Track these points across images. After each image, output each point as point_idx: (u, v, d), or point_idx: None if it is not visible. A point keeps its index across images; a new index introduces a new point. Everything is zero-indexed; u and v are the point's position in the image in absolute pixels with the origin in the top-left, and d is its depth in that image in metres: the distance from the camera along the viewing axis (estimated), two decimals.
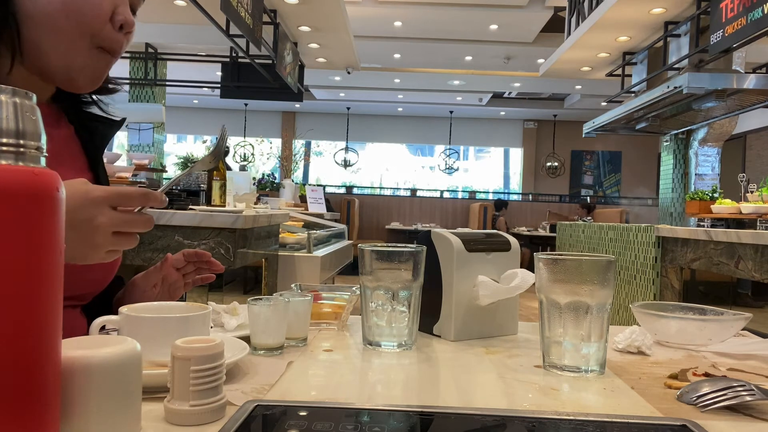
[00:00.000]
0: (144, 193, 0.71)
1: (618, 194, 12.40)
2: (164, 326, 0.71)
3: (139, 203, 0.71)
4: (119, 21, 0.82)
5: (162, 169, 7.32)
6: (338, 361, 0.87)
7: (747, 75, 4.23)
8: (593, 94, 9.91)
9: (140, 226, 0.72)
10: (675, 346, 1.00)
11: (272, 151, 12.33)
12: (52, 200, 0.43)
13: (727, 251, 3.09)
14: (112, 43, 0.83)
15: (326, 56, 7.19)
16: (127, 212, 0.71)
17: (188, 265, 1.01)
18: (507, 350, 0.95)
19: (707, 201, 4.69)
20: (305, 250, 3.63)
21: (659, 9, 4.89)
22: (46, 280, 0.43)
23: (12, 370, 0.41)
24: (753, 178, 4.65)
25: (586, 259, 0.82)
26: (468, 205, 10.43)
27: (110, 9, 0.81)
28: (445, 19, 7.70)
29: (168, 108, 8.09)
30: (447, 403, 0.69)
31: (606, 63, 6.47)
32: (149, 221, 0.72)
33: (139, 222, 0.71)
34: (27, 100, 0.44)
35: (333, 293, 1.11)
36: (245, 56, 5.20)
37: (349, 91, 11.11)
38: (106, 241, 0.69)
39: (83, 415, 0.49)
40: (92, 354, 0.49)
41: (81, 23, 0.79)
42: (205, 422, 0.58)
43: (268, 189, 7.19)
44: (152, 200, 0.71)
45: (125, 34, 0.84)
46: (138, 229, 0.72)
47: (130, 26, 0.83)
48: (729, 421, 0.64)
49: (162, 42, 7.33)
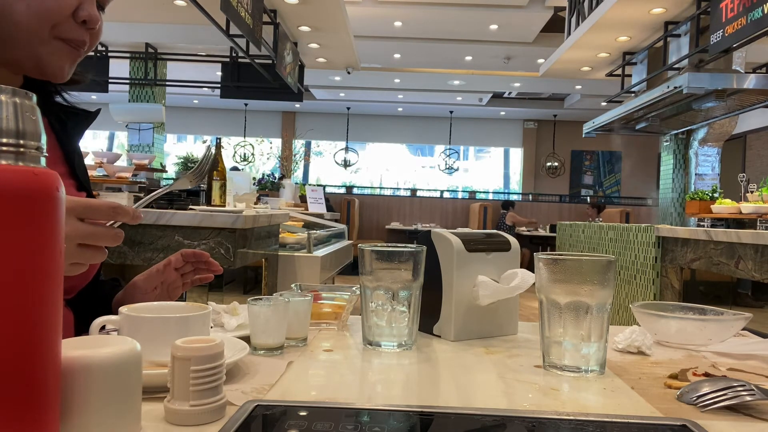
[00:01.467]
0: (113, 207, 0.68)
1: (618, 194, 12.40)
2: (164, 326, 0.71)
3: (108, 217, 0.68)
4: (82, 16, 0.81)
5: (162, 169, 7.31)
6: (338, 361, 0.87)
7: (747, 75, 4.23)
8: (593, 94, 9.91)
9: (107, 240, 0.68)
10: (675, 346, 1.00)
11: (272, 151, 12.33)
12: (52, 200, 0.43)
13: (727, 251, 3.09)
14: (74, 37, 0.82)
15: (326, 56, 7.19)
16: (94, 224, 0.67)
17: (186, 265, 1.01)
18: (507, 350, 0.95)
19: (707, 201, 4.69)
20: (305, 250, 3.63)
21: (659, 9, 4.89)
22: (46, 280, 0.43)
23: (12, 370, 0.41)
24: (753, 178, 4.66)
25: (586, 259, 0.82)
26: (468, 205, 10.42)
27: (74, 3, 0.80)
28: (445, 19, 7.70)
29: (168, 108, 8.09)
30: (447, 403, 0.69)
31: (606, 63, 6.47)
32: (117, 236, 0.69)
33: (105, 236, 0.68)
34: (27, 100, 0.44)
35: (333, 293, 1.11)
36: (245, 56, 5.20)
37: (349, 91, 11.12)
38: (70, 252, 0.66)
39: (83, 415, 0.49)
40: (92, 354, 0.49)
41: (41, 15, 0.78)
42: (205, 422, 0.58)
43: (268, 189, 7.20)
44: (121, 215, 0.68)
45: (89, 29, 0.83)
46: (105, 242, 0.68)
47: (94, 22, 0.82)
48: (729, 421, 0.64)
49: (162, 42, 7.33)
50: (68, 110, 0.95)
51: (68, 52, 0.83)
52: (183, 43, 7.30)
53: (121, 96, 8.23)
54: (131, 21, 6.81)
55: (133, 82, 7.64)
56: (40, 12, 0.78)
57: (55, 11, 0.79)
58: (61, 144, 0.95)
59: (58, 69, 0.83)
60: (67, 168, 0.95)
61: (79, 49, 0.84)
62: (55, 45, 0.81)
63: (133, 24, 6.88)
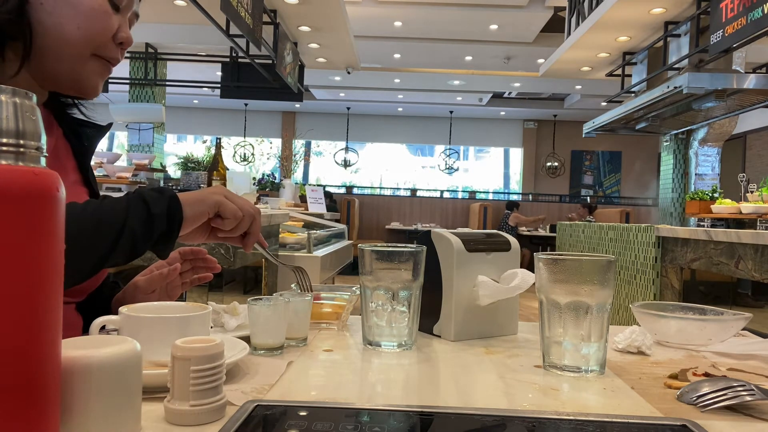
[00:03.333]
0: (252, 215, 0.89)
1: (618, 194, 12.40)
2: (164, 326, 0.71)
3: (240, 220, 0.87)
4: (121, 38, 0.88)
5: (162, 169, 7.32)
6: (338, 361, 0.87)
7: (747, 75, 4.23)
8: (593, 94, 9.91)
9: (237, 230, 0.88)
10: (675, 346, 1.00)
11: (272, 151, 12.33)
12: (52, 200, 0.43)
13: (727, 251, 3.09)
14: (112, 56, 0.88)
15: (326, 56, 7.19)
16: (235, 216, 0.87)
17: (185, 264, 1.02)
18: (507, 350, 0.95)
19: (707, 201, 4.70)
20: (305, 250, 3.63)
21: (659, 9, 4.89)
22: (46, 280, 0.43)
23: (12, 370, 0.41)
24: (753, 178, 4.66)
25: (586, 259, 0.82)
26: (468, 205, 10.42)
27: (116, 26, 0.87)
28: (445, 19, 7.70)
29: (168, 108, 8.08)
30: (447, 403, 0.69)
31: (606, 63, 6.47)
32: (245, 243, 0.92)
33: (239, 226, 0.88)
34: (27, 100, 0.44)
35: (333, 293, 1.11)
36: (245, 56, 5.20)
37: (349, 91, 11.11)
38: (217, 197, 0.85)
39: (83, 415, 0.49)
40: (92, 354, 0.49)
41: (89, 37, 0.84)
42: (205, 422, 0.58)
43: (268, 189, 7.20)
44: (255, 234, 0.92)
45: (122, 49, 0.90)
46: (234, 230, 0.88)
47: (129, 44, 0.90)
48: (729, 421, 0.64)
49: (162, 42, 7.33)
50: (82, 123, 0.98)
51: (103, 70, 0.89)
52: (183, 43, 7.30)
53: (121, 96, 8.23)
54: None
55: (133, 82, 7.64)
56: (89, 33, 0.84)
57: (101, 33, 0.85)
58: (75, 154, 0.98)
59: (93, 87, 0.89)
60: (80, 176, 0.98)
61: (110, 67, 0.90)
62: (94, 63, 0.87)
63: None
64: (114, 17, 0.86)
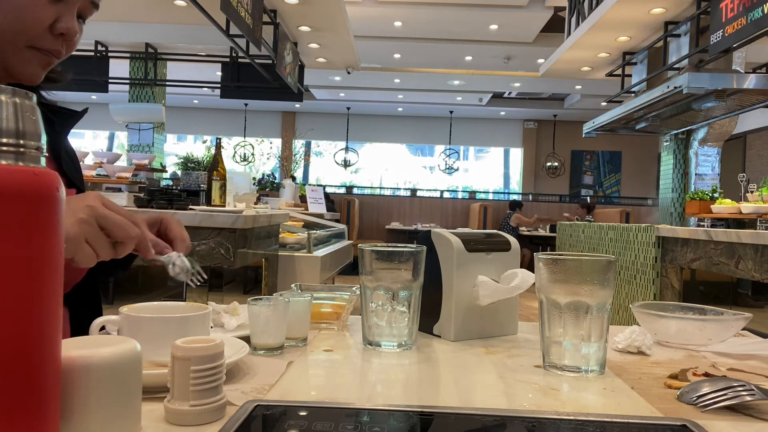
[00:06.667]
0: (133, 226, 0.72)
1: (618, 194, 12.40)
2: (164, 326, 0.71)
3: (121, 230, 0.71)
4: (60, 29, 0.81)
5: (162, 169, 7.32)
6: (338, 361, 0.87)
7: (747, 75, 4.23)
8: (593, 94, 9.91)
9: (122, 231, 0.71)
10: (675, 346, 1.00)
11: (272, 151, 12.32)
12: (52, 200, 0.43)
13: (727, 251, 3.09)
14: (50, 47, 0.83)
15: (326, 56, 7.19)
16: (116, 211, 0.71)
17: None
18: (507, 350, 0.95)
19: (707, 201, 4.70)
20: (305, 250, 3.63)
21: (659, 9, 4.89)
22: (46, 280, 0.43)
23: (12, 370, 0.41)
24: (753, 178, 4.66)
25: (586, 259, 0.81)
26: (468, 205, 10.42)
27: (51, 17, 0.81)
28: (445, 19, 7.70)
29: (168, 108, 8.09)
30: (447, 403, 0.69)
31: (606, 63, 6.47)
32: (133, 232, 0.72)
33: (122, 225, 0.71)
34: (27, 100, 0.44)
35: (333, 293, 1.11)
36: (245, 56, 5.20)
37: (349, 91, 11.11)
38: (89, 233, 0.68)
39: (83, 415, 0.49)
40: (92, 354, 0.49)
41: (17, 27, 0.78)
42: (205, 422, 0.58)
43: (269, 189, 7.20)
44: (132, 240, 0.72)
45: (66, 41, 0.84)
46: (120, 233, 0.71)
47: (72, 36, 0.83)
48: (729, 421, 0.64)
49: (162, 42, 7.33)
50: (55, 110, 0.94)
51: (40, 60, 0.83)
52: (183, 43, 7.30)
53: (121, 96, 8.23)
54: (131, 21, 6.81)
55: (133, 82, 7.64)
56: (16, 24, 0.78)
57: (32, 24, 0.79)
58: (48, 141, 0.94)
59: (30, 75, 0.84)
60: (53, 165, 0.94)
61: (52, 57, 0.84)
62: (28, 54, 0.81)
63: (133, 24, 6.88)
64: (50, 7, 0.80)
